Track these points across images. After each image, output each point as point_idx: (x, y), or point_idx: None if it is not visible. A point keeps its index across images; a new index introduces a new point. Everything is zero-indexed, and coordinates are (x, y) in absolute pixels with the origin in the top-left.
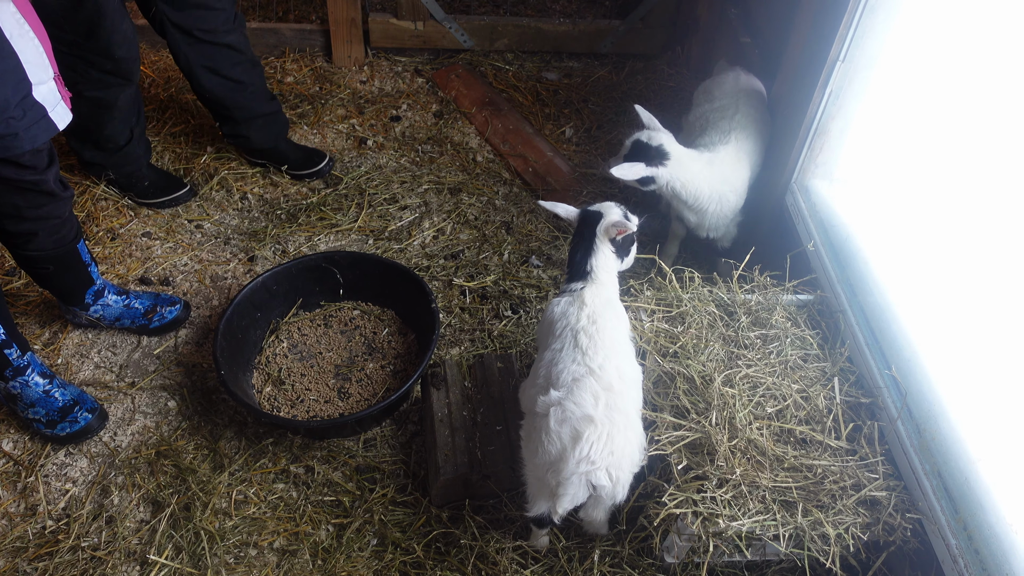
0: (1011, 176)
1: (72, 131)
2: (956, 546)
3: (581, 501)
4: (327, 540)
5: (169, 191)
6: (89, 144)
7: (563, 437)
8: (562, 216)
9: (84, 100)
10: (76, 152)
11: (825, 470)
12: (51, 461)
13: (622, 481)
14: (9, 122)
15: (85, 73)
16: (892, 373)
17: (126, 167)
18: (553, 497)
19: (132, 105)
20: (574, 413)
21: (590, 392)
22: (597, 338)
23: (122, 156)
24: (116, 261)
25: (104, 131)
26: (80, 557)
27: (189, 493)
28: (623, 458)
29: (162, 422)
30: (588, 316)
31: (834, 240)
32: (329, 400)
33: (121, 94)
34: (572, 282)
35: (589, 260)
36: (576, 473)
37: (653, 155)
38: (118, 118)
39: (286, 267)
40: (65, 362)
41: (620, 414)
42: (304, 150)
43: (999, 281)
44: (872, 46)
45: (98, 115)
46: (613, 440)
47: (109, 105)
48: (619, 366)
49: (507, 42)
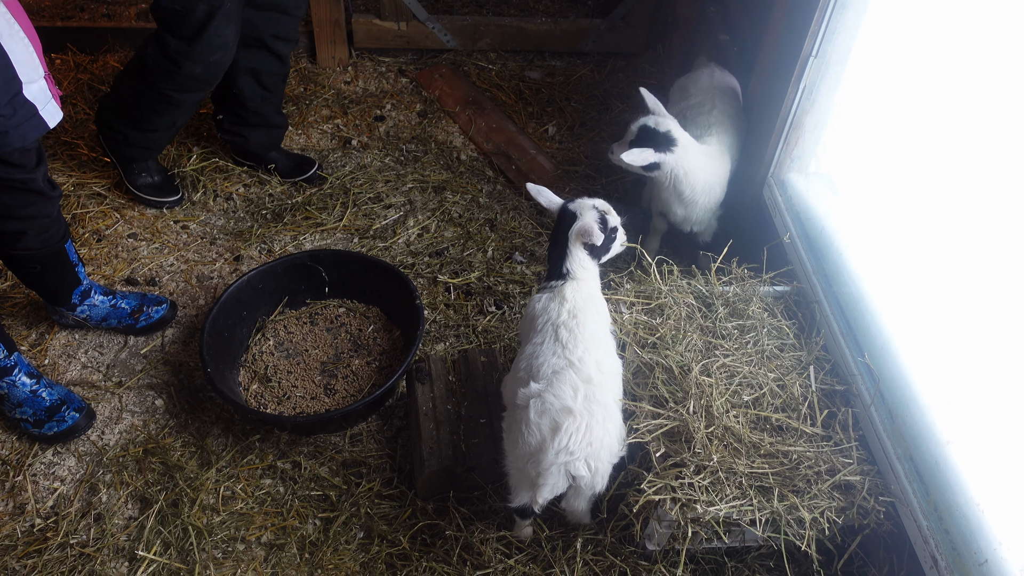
0: (978, 167)
1: (116, 109)
2: (927, 527)
3: (561, 491)
4: (314, 534)
5: (164, 193)
6: (126, 120)
7: (543, 428)
8: (544, 205)
9: (153, 90)
10: (104, 118)
11: (800, 456)
12: (39, 460)
13: (601, 471)
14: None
15: (171, 74)
16: (865, 360)
17: (143, 158)
18: (533, 487)
19: (193, 109)
20: (553, 405)
21: (569, 384)
22: (577, 332)
23: (148, 146)
24: (102, 262)
25: (154, 121)
26: (69, 554)
27: (177, 490)
28: (601, 448)
29: (149, 420)
30: (568, 311)
31: (810, 232)
32: (315, 397)
33: (195, 98)
34: (552, 279)
35: (564, 263)
36: (555, 464)
37: (661, 141)
38: (177, 117)
39: (271, 266)
40: (52, 362)
41: (599, 405)
42: (294, 157)
43: (967, 270)
44: (843, 42)
45: (157, 106)
46: (592, 431)
47: (177, 104)
48: (599, 359)
49: (490, 42)
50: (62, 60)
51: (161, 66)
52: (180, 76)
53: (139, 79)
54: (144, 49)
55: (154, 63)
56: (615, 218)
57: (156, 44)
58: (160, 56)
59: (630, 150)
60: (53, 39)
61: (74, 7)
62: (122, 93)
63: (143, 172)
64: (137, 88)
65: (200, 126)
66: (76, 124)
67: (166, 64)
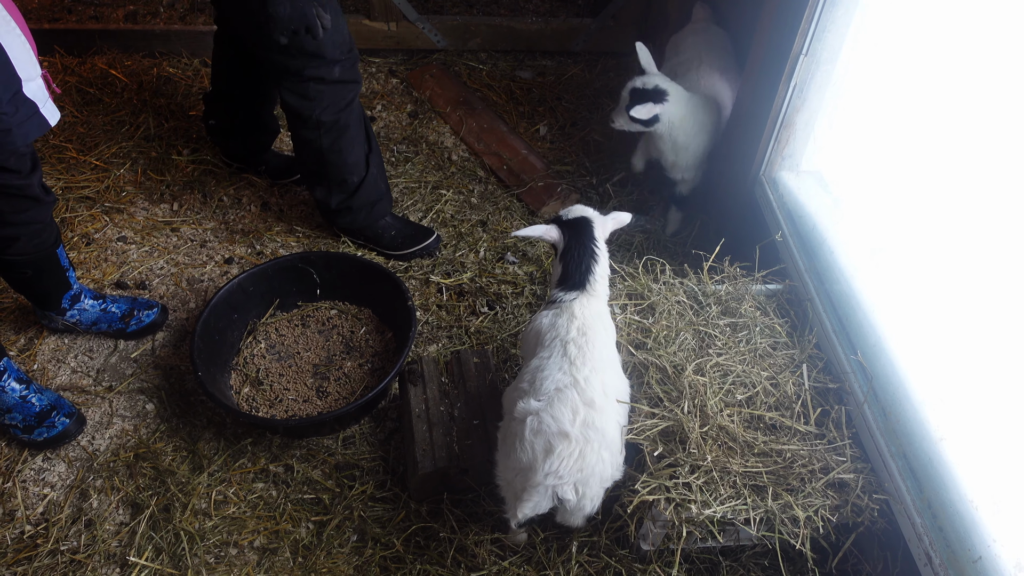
0: (968, 163)
1: (312, 174)
2: (921, 524)
3: (543, 511)
4: (307, 538)
5: (418, 240)
6: (334, 186)
7: (536, 448)
8: (539, 238)
9: (324, 127)
10: (321, 204)
11: (794, 454)
12: (28, 466)
13: (590, 495)
14: (1, 118)
15: (318, 94)
16: (858, 358)
17: (365, 210)
18: (516, 500)
19: (361, 119)
20: (550, 427)
21: (570, 407)
22: (586, 349)
23: (361, 195)
24: (91, 266)
25: (347, 160)
26: (60, 560)
27: (168, 494)
28: (592, 476)
29: (140, 425)
30: (578, 328)
31: (801, 230)
32: (308, 399)
33: (352, 109)
34: (566, 292)
35: (594, 269)
36: (543, 484)
37: (653, 96)
38: (356, 139)
39: (262, 268)
40: (41, 367)
41: (596, 432)
42: (285, 159)
43: (959, 266)
44: (833, 40)
45: (337, 143)
46: (584, 458)
47: (345, 126)
48: (604, 381)
49: (480, 41)
50: (50, 63)
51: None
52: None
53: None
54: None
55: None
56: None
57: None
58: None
59: (637, 106)
60: (40, 41)
61: (61, 9)
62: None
63: (391, 230)
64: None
65: (189, 128)
66: (64, 127)
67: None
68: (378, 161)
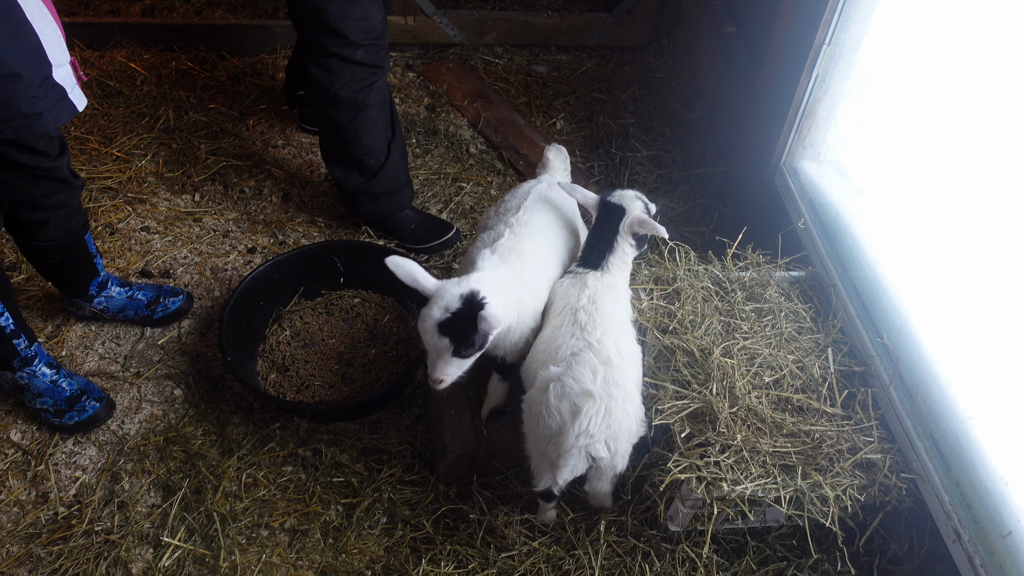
0: (992, 149)
1: (331, 151)
2: (949, 502)
3: (581, 472)
4: (337, 519)
5: (438, 234)
6: (352, 167)
7: (563, 412)
8: (579, 201)
9: (342, 103)
10: (339, 185)
11: (822, 435)
12: (60, 450)
13: (620, 452)
14: (33, 101)
15: (339, 69)
16: (884, 341)
17: (384, 199)
18: (554, 468)
19: (385, 105)
20: (573, 388)
21: (588, 367)
22: (596, 316)
23: (380, 181)
24: (116, 255)
25: (364, 141)
26: (94, 541)
27: (200, 477)
28: (620, 431)
29: (169, 410)
30: (588, 297)
31: (823, 218)
32: (333, 386)
33: (373, 91)
34: (581, 267)
35: (606, 256)
36: (576, 446)
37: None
38: (376, 122)
39: (288, 256)
40: (69, 354)
41: (618, 388)
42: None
43: (983, 248)
44: (856, 29)
45: (354, 120)
46: (611, 414)
47: (363, 104)
48: (617, 342)
49: (496, 36)
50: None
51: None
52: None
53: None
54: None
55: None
56: (653, 206)
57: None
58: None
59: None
60: None
61: (79, 3)
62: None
63: (410, 223)
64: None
65: (209, 121)
66: (86, 119)
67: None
68: (400, 150)
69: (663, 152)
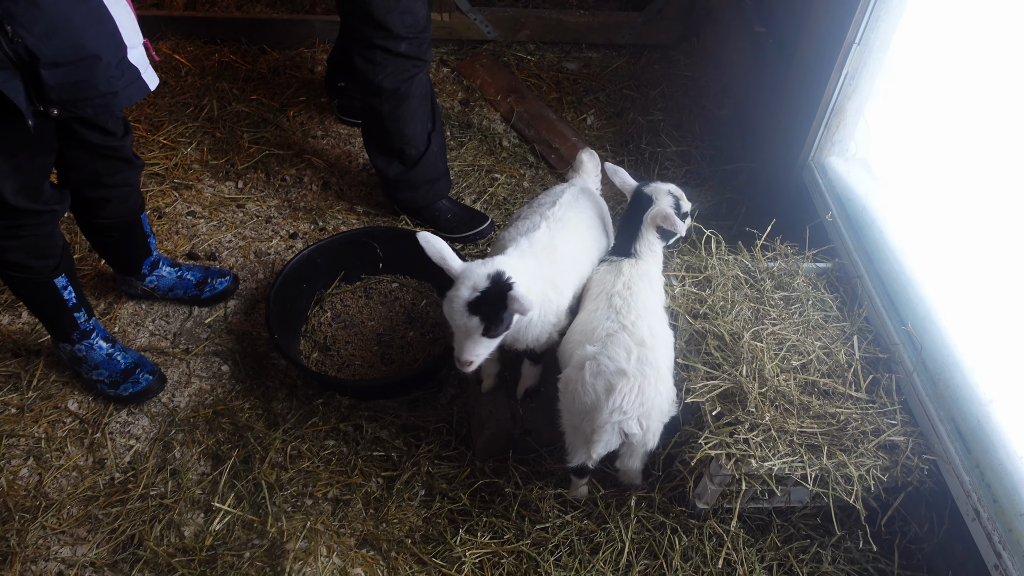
0: (1013, 142)
1: (374, 140)
2: (969, 483)
3: (614, 447)
4: (378, 491)
5: (473, 224)
6: (393, 155)
7: (597, 389)
8: (618, 186)
9: (385, 94)
10: (380, 173)
11: (847, 417)
12: (115, 420)
13: (652, 429)
14: (110, 80)
15: (383, 61)
16: (908, 329)
17: (423, 188)
18: (588, 444)
19: (426, 97)
20: (608, 367)
21: (623, 347)
22: (631, 300)
23: (420, 170)
24: (164, 238)
25: (405, 131)
26: (149, 504)
27: (247, 448)
28: (653, 408)
29: (217, 385)
30: (624, 283)
31: (850, 212)
32: (373, 365)
33: (415, 82)
34: (616, 254)
35: (634, 243)
36: (610, 422)
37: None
38: (417, 113)
39: (330, 241)
40: (122, 330)
41: (651, 368)
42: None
43: (1003, 239)
44: (886, 29)
45: (396, 111)
46: (644, 392)
47: (405, 95)
48: (651, 325)
49: (529, 33)
50: None
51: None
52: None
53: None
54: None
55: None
56: (687, 203)
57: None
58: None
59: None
60: None
61: None
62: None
63: (446, 212)
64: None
65: (252, 112)
66: (134, 107)
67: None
68: (440, 141)
69: (692, 148)
